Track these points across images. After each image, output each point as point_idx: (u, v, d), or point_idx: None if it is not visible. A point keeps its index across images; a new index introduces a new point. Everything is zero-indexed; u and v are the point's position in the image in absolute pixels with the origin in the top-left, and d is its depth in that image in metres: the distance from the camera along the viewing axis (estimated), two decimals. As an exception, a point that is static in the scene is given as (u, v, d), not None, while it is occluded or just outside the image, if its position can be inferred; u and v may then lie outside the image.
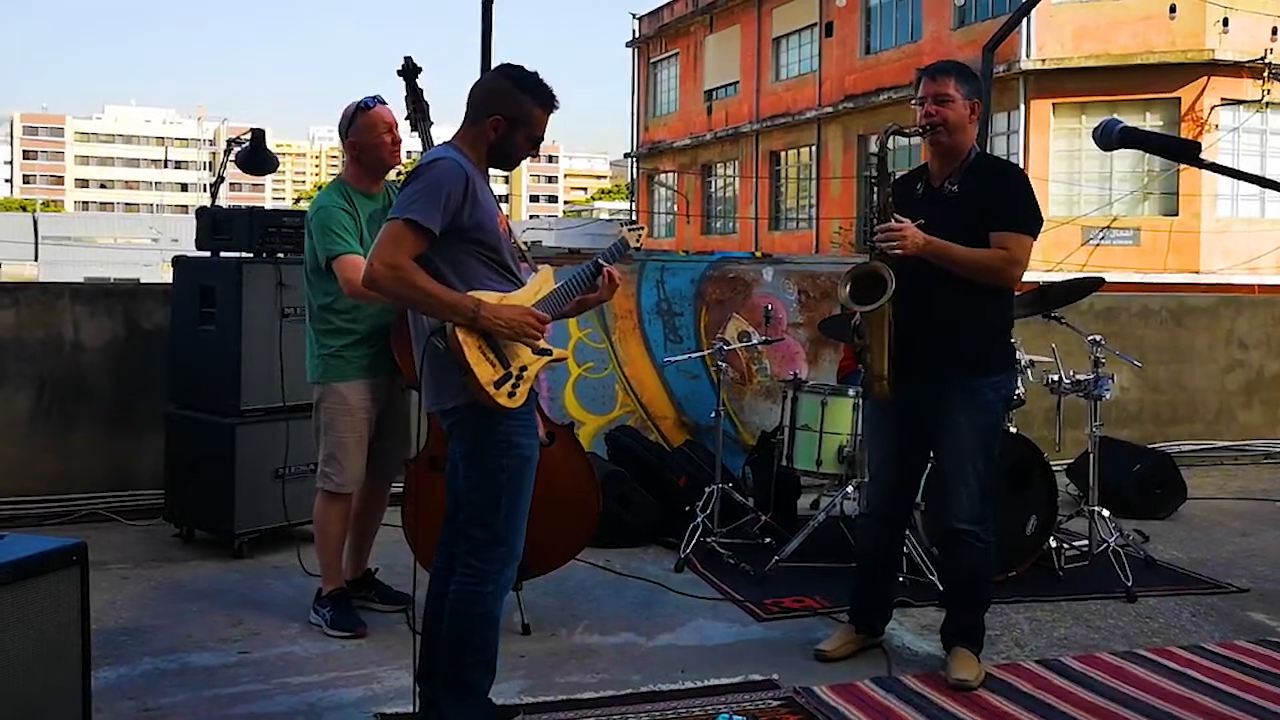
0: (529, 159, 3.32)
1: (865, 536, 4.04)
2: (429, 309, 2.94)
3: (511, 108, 3.02)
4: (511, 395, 2.97)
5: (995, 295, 3.69)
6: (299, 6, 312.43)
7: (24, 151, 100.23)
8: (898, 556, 4.20)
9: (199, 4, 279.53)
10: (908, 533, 4.62)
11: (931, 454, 3.89)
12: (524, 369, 3.01)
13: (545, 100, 3.06)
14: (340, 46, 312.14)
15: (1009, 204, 3.64)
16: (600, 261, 3.33)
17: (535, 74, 3.07)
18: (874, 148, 3.76)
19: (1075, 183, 20.33)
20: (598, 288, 3.33)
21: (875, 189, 3.70)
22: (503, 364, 2.96)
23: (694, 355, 5.97)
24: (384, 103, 4.04)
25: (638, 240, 3.61)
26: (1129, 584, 4.60)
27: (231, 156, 5.25)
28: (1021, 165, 19.87)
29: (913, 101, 3.77)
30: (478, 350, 2.92)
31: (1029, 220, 3.65)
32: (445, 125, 3.27)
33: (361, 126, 4.03)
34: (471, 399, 2.95)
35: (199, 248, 5.14)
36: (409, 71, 3.82)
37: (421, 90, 3.85)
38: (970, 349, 3.66)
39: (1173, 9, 19.31)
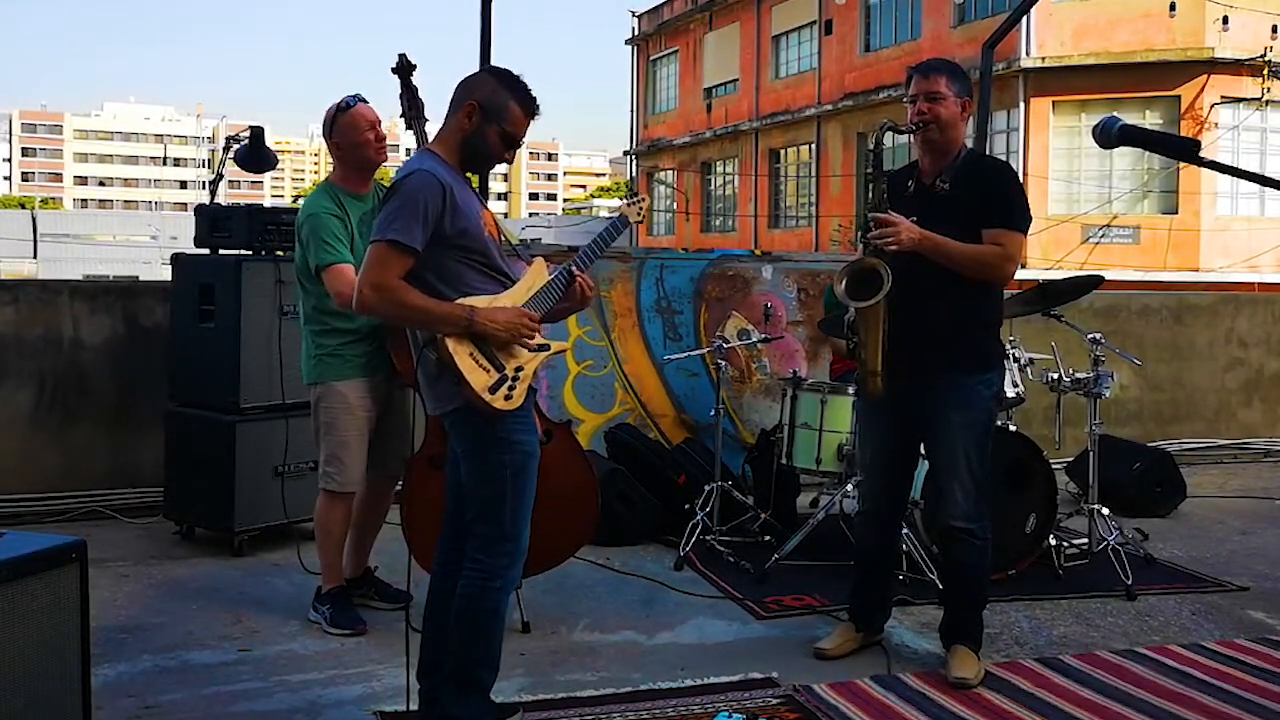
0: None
1: (862, 535, 4.05)
2: (423, 324, 2.97)
3: (488, 97, 3.02)
4: (508, 398, 2.97)
5: (985, 293, 3.71)
6: (298, 5, 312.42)
7: (23, 149, 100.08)
8: (895, 554, 4.21)
9: (198, 1, 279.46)
10: (907, 531, 4.63)
11: (925, 452, 3.88)
12: (520, 369, 3.01)
13: (524, 99, 3.05)
14: (339, 44, 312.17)
15: (1003, 202, 3.65)
16: (571, 269, 3.18)
17: (521, 77, 3.08)
18: (870, 144, 3.74)
19: (1075, 181, 20.32)
20: (571, 295, 3.19)
21: (870, 184, 3.69)
22: (496, 368, 2.96)
23: (693, 353, 5.96)
24: (364, 100, 4.01)
25: (639, 215, 3.55)
26: (1129, 582, 4.60)
27: (230, 154, 5.23)
28: (1021, 163, 20.02)
29: (904, 99, 3.77)
30: (469, 358, 2.93)
31: (1021, 218, 3.68)
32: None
33: (343, 127, 4.02)
34: (468, 401, 2.95)
35: (198, 245, 5.14)
36: (403, 69, 3.78)
37: (416, 88, 3.80)
38: (963, 347, 3.67)
39: (1173, 7, 19.31)
